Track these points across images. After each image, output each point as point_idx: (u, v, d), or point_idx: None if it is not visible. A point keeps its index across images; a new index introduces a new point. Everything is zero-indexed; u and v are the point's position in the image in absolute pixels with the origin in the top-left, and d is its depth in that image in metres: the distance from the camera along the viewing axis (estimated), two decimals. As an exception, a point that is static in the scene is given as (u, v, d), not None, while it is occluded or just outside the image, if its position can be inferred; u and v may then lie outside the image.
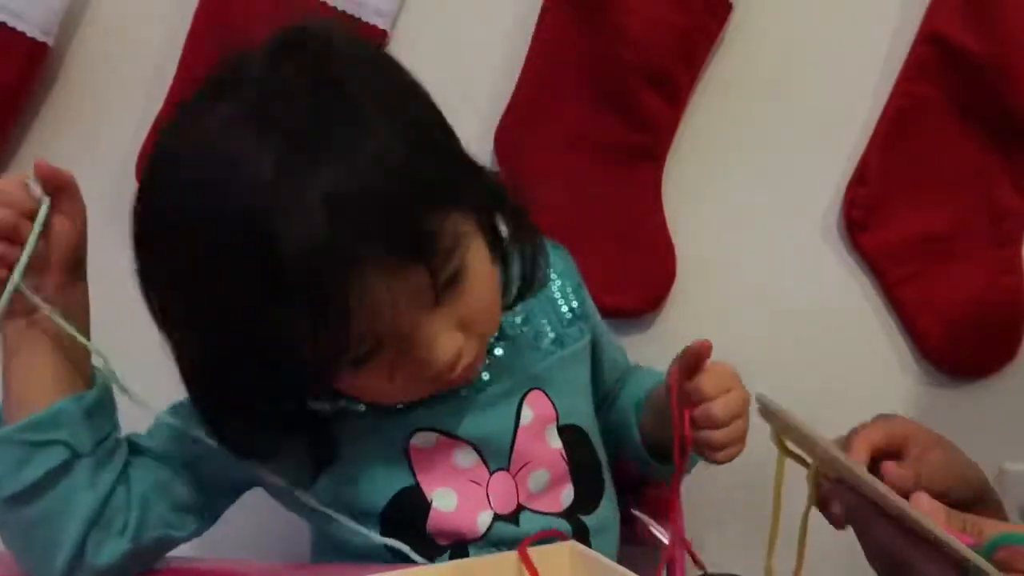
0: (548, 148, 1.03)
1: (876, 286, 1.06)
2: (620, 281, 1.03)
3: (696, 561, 0.64)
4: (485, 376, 0.69)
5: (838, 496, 0.52)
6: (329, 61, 0.57)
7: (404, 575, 0.53)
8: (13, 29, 0.96)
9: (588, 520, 0.71)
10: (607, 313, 1.03)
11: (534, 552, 0.55)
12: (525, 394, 0.70)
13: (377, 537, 0.64)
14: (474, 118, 1.05)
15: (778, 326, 1.06)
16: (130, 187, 1.03)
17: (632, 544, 0.86)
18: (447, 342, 0.58)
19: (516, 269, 0.67)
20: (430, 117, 0.62)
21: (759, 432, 0.69)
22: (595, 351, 0.79)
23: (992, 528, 0.48)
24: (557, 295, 0.76)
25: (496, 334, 0.68)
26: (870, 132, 1.04)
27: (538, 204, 1.06)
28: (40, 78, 1.03)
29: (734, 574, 0.67)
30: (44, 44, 0.98)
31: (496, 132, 1.04)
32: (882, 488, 0.48)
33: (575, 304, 0.76)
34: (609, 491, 0.75)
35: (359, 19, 1.02)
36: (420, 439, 0.66)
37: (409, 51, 1.05)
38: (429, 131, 0.59)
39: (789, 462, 0.56)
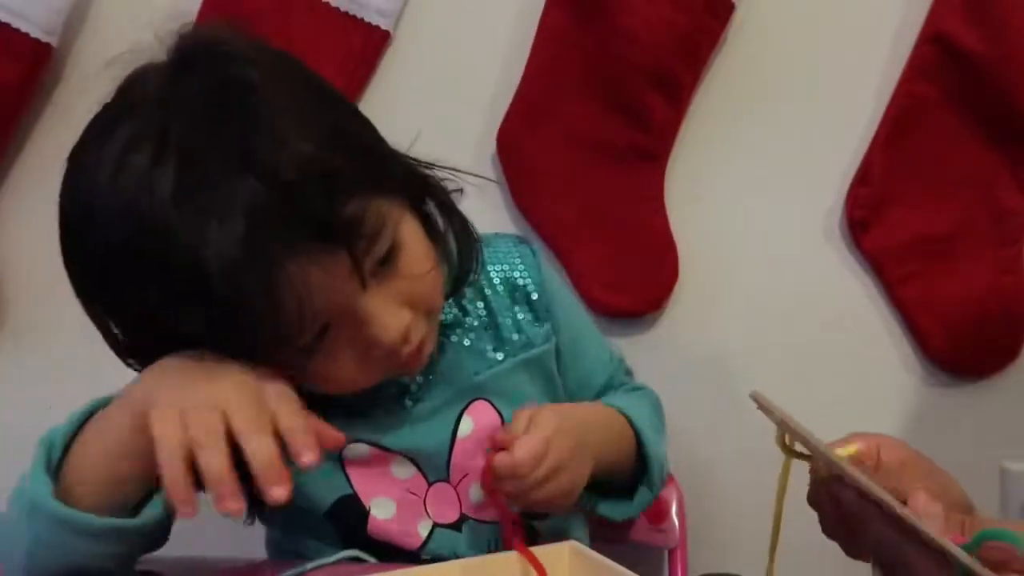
0: (550, 148, 1.03)
1: (878, 286, 1.06)
2: (622, 281, 1.03)
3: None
4: (420, 384, 0.68)
5: (836, 493, 0.52)
6: (227, 65, 0.57)
7: (408, 574, 0.53)
8: (16, 30, 0.96)
9: (540, 525, 0.71)
10: (608, 313, 1.03)
11: (534, 552, 0.55)
12: (467, 405, 0.69)
13: (328, 555, 0.64)
14: (476, 118, 1.06)
15: (779, 326, 1.06)
16: (133, 187, 1.05)
17: (624, 544, 0.87)
18: (392, 318, 0.58)
19: (452, 257, 0.68)
20: (337, 108, 0.62)
21: (760, 432, 0.69)
22: (562, 358, 0.76)
23: (991, 527, 0.48)
24: (515, 294, 0.74)
25: (442, 316, 0.68)
26: (872, 132, 1.04)
27: (540, 204, 1.07)
28: (43, 78, 1.03)
29: (734, 574, 0.67)
30: (47, 44, 0.98)
31: (498, 132, 1.04)
32: (873, 486, 0.48)
33: (535, 302, 0.74)
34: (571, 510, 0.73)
35: (361, 19, 1.02)
36: (352, 451, 0.67)
37: (411, 51, 1.05)
38: (336, 122, 0.59)
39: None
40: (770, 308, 1.06)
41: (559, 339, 0.75)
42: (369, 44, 1.03)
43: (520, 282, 0.74)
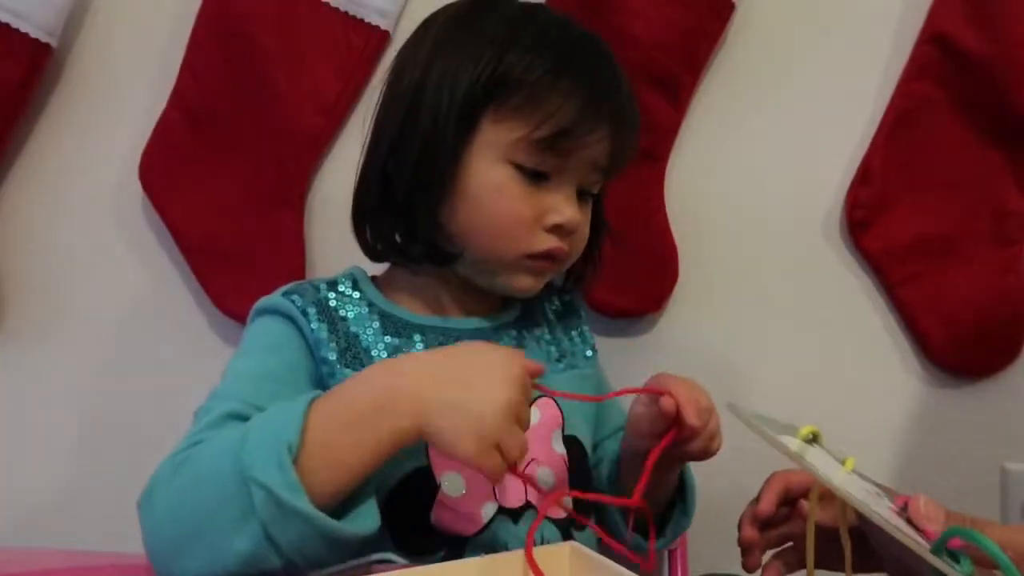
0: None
1: (878, 286, 1.06)
2: (623, 282, 1.03)
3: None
4: None
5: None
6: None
7: (417, 573, 0.53)
8: (16, 30, 0.96)
9: (578, 536, 0.72)
10: (609, 314, 1.03)
11: (534, 552, 0.55)
12: (536, 399, 0.72)
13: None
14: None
15: (780, 326, 1.06)
16: (132, 188, 1.05)
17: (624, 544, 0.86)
18: (577, 209, 0.71)
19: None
20: None
21: (748, 442, 0.69)
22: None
23: (990, 530, 0.48)
24: (583, 332, 0.84)
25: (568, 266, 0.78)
26: (872, 132, 1.04)
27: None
28: (43, 79, 1.03)
29: (734, 574, 0.67)
30: (47, 45, 0.99)
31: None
32: (848, 495, 0.48)
33: (585, 331, 0.84)
34: (593, 518, 0.75)
35: (361, 20, 1.02)
36: None
37: (411, 51, 1.05)
38: None
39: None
40: (770, 308, 1.06)
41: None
42: (369, 44, 1.03)
43: (577, 308, 0.85)
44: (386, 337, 0.71)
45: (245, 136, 1.03)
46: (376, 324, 0.71)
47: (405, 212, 0.71)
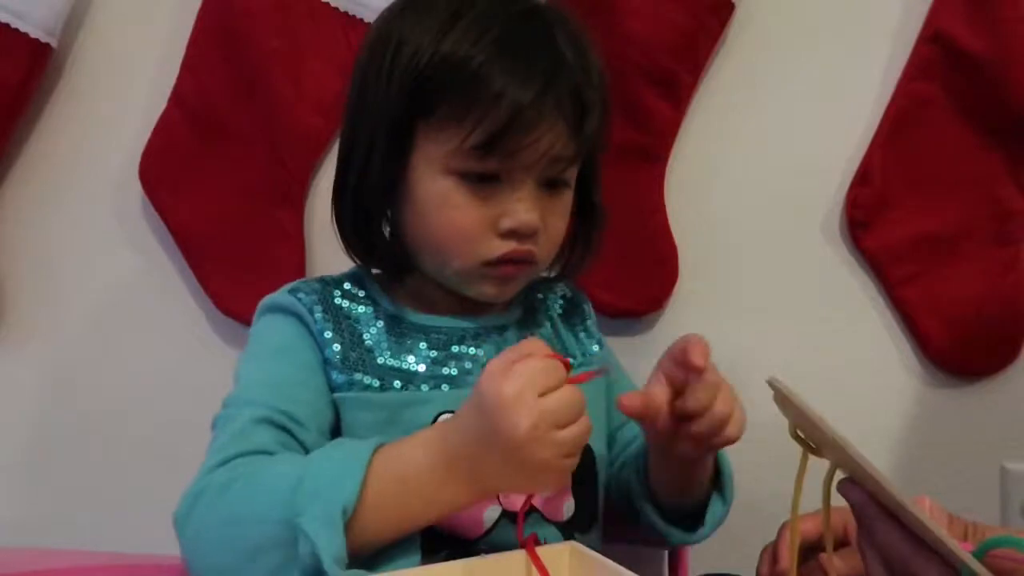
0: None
1: (878, 286, 1.06)
2: (622, 281, 1.03)
3: None
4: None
5: (847, 493, 0.52)
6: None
7: (411, 574, 0.53)
8: (16, 30, 0.97)
9: (581, 539, 0.71)
10: (609, 313, 1.03)
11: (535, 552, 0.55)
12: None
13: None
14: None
15: (779, 326, 1.06)
16: (132, 187, 1.05)
17: (625, 544, 0.86)
18: (535, 209, 0.67)
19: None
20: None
21: (760, 431, 0.70)
22: (609, 388, 0.80)
23: (993, 535, 0.47)
24: (588, 328, 0.82)
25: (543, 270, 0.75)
26: (872, 132, 1.04)
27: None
28: (43, 78, 1.03)
29: (734, 574, 0.67)
30: (47, 45, 0.99)
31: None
32: (890, 486, 0.47)
33: (598, 339, 0.82)
34: (599, 523, 0.75)
35: (360, 19, 1.02)
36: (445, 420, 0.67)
37: (411, 51, 1.05)
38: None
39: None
40: (770, 308, 1.06)
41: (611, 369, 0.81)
42: (369, 44, 1.03)
43: (581, 304, 0.83)
44: (390, 337, 0.70)
45: (245, 136, 1.03)
46: (380, 324, 0.70)
47: (362, 224, 0.71)
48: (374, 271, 0.76)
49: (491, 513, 0.67)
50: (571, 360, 0.75)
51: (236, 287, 1.03)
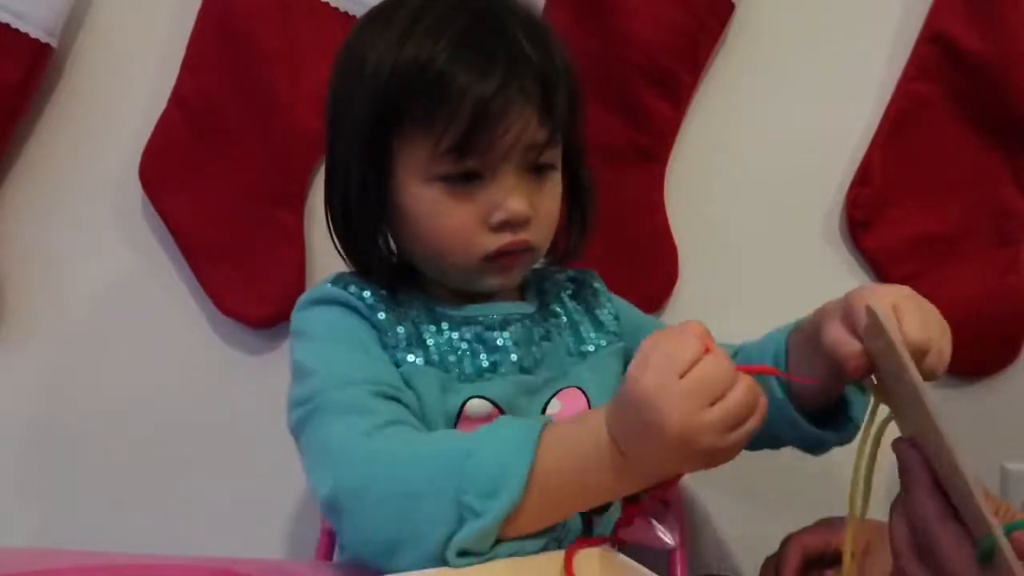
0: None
1: (878, 286, 1.06)
2: (622, 282, 1.02)
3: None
4: (536, 359, 0.72)
5: (902, 452, 0.51)
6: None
7: (454, 574, 0.54)
8: (16, 30, 0.97)
9: (597, 519, 0.72)
10: (609, 313, 1.03)
11: (564, 555, 0.55)
12: (561, 388, 0.73)
13: None
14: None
15: (780, 325, 1.06)
16: (132, 187, 1.05)
17: (624, 544, 0.86)
18: (523, 197, 0.67)
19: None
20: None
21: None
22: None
23: (1020, 519, 0.48)
24: (600, 302, 0.81)
25: (541, 257, 0.75)
26: (872, 132, 1.04)
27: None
28: (43, 78, 1.03)
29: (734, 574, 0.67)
30: (47, 45, 0.99)
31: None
32: (952, 441, 0.47)
33: (612, 313, 0.81)
34: (618, 502, 0.75)
35: (361, 19, 1.02)
36: (474, 406, 0.68)
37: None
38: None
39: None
40: (770, 308, 1.06)
41: (627, 333, 0.81)
42: (369, 44, 1.03)
43: (589, 282, 0.83)
44: (430, 326, 0.70)
45: (245, 136, 1.03)
46: (422, 311, 0.71)
47: (352, 245, 0.72)
48: None
49: None
50: (590, 348, 0.76)
51: (236, 287, 1.03)
